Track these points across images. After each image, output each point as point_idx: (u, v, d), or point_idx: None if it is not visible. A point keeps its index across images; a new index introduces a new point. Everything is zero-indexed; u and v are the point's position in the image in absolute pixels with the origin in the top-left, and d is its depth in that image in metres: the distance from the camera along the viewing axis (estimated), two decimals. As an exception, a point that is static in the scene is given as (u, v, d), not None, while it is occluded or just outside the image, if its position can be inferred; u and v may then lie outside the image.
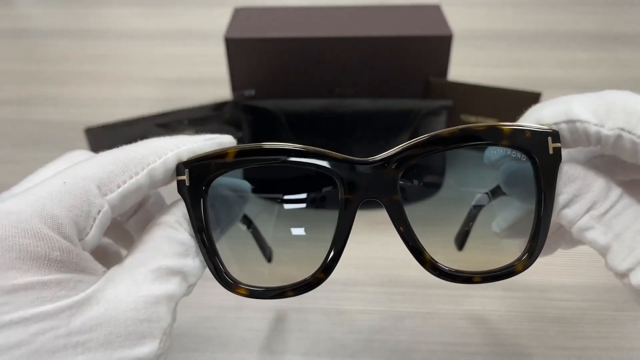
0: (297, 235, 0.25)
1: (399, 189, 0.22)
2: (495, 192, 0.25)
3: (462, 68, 0.65)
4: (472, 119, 0.53)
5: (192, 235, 0.22)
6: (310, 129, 0.47)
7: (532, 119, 0.23)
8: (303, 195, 0.25)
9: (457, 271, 0.23)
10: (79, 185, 0.20)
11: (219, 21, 0.65)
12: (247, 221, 0.27)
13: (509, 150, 0.23)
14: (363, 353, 0.35)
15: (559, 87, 0.66)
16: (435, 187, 0.27)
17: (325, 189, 0.24)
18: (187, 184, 0.22)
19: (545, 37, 0.80)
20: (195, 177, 0.22)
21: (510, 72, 0.71)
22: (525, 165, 0.22)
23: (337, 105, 0.47)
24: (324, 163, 0.22)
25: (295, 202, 0.26)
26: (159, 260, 0.21)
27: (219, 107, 0.53)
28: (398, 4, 0.59)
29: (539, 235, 0.22)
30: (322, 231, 0.24)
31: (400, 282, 0.40)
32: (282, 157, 0.22)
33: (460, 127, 0.22)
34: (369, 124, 0.46)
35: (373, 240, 0.43)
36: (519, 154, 0.23)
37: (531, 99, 0.50)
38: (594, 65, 0.72)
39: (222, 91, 0.61)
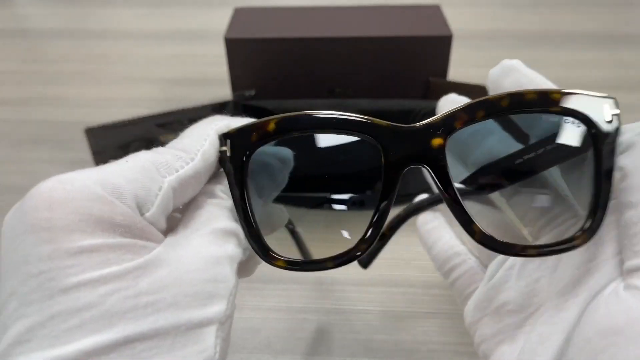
0: (337, 210, 0.24)
1: (445, 154, 0.21)
2: (545, 164, 0.23)
3: (462, 68, 0.64)
4: (472, 119, 0.53)
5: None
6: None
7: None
8: (344, 169, 0.24)
9: (509, 243, 0.21)
10: (139, 163, 0.20)
11: (219, 21, 0.65)
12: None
13: (563, 118, 0.21)
14: (363, 353, 0.35)
15: (559, 87, 0.66)
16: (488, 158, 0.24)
17: (367, 162, 0.22)
18: (228, 154, 0.22)
19: (545, 37, 0.80)
20: (237, 147, 0.22)
21: (510, 72, 0.71)
22: (582, 134, 0.21)
23: (337, 105, 0.47)
24: (367, 129, 0.21)
25: (335, 178, 0.25)
26: (213, 223, 0.21)
27: (219, 107, 0.53)
28: (398, 4, 0.59)
29: (598, 209, 0.20)
30: (361, 208, 0.23)
31: (400, 282, 0.40)
32: (325, 124, 0.21)
33: (509, 92, 0.21)
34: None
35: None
36: (574, 122, 0.21)
37: (531, 99, 0.50)
38: (594, 65, 0.72)
39: (222, 91, 0.61)
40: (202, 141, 0.22)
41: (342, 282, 0.40)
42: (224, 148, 0.22)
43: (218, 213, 0.21)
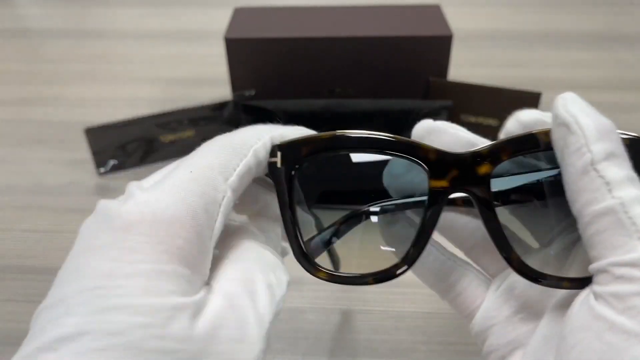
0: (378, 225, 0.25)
1: (490, 185, 0.21)
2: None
3: (462, 68, 0.64)
4: (472, 119, 0.53)
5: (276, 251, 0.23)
6: (310, 129, 0.47)
7: None
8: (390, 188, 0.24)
9: (545, 274, 0.22)
10: (205, 174, 0.20)
11: (219, 21, 0.65)
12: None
13: None
14: (363, 353, 0.35)
15: (559, 87, 0.66)
16: (528, 188, 0.24)
17: (412, 181, 0.23)
18: (278, 165, 0.22)
19: (545, 37, 0.80)
20: (287, 159, 0.22)
21: (510, 72, 0.71)
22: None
23: (337, 105, 0.47)
24: (416, 152, 0.22)
25: (378, 195, 0.25)
26: (248, 274, 0.20)
27: (219, 107, 0.53)
28: (398, 4, 0.59)
29: None
30: (403, 225, 0.24)
31: (400, 282, 0.40)
32: (374, 144, 0.22)
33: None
34: (369, 124, 0.46)
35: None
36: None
37: (531, 99, 0.50)
38: (594, 65, 0.72)
39: (222, 91, 0.61)
40: (255, 139, 0.22)
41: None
42: (274, 159, 0.22)
43: (255, 262, 0.21)
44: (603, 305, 0.18)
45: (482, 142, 0.23)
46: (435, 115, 0.48)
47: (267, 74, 0.53)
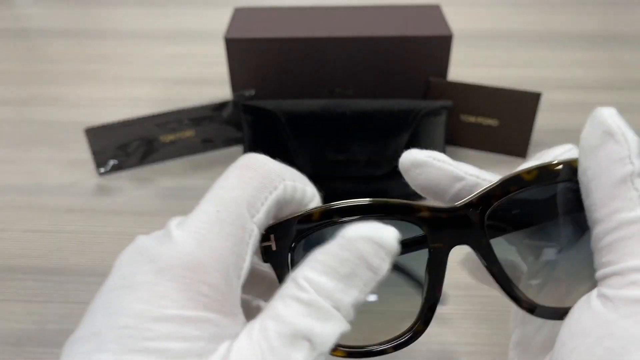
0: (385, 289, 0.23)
1: (487, 232, 0.22)
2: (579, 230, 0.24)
3: (461, 68, 0.65)
4: (472, 119, 0.53)
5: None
6: (310, 129, 0.47)
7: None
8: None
9: (555, 307, 0.22)
10: (232, 211, 0.20)
11: (219, 21, 0.65)
12: None
13: None
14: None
15: (559, 87, 0.66)
16: (523, 224, 0.25)
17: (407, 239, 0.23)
18: (273, 248, 0.22)
19: (545, 37, 0.80)
20: (282, 241, 0.22)
21: (510, 72, 0.71)
22: None
23: (337, 105, 0.47)
24: (409, 214, 0.22)
25: None
26: (280, 327, 0.18)
27: (219, 107, 0.53)
28: (398, 4, 0.59)
29: None
30: (407, 280, 0.24)
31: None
32: (366, 211, 0.21)
33: (537, 166, 0.22)
34: (368, 124, 0.46)
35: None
36: None
37: (531, 99, 0.50)
38: (594, 65, 0.72)
39: (222, 91, 0.61)
40: (277, 174, 0.22)
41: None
42: (268, 243, 0.22)
43: (288, 312, 0.18)
44: (610, 309, 0.18)
45: (467, 173, 0.23)
46: (435, 115, 0.48)
47: (267, 74, 0.53)
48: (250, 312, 0.24)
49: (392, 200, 0.22)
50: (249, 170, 0.22)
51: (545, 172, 0.22)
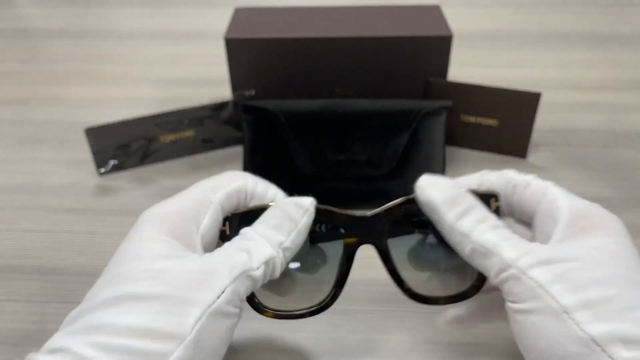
0: (308, 268, 0.32)
1: (386, 237, 0.29)
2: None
3: (461, 68, 0.65)
4: (472, 119, 0.53)
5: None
6: (310, 129, 0.47)
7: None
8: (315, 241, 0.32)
9: (427, 296, 0.30)
10: (199, 187, 0.29)
11: (219, 21, 0.65)
12: None
13: None
14: (364, 353, 0.35)
15: (558, 87, 0.66)
16: (416, 232, 0.32)
17: (331, 235, 0.31)
18: (227, 232, 0.29)
19: (544, 37, 0.80)
20: (232, 228, 0.29)
21: (509, 72, 0.71)
22: None
23: (337, 105, 0.47)
24: (334, 217, 0.30)
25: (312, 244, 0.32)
26: (229, 245, 0.27)
27: (219, 107, 0.53)
28: (398, 4, 0.59)
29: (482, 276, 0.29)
30: (328, 266, 0.31)
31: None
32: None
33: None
34: (368, 124, 0.47)
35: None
36: None
37: (531, 99, 0.50)
38: (593, 65, 0.72)
39: (222, 91, 0.61)
40: (242, 178, 0.30)
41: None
42: (223, 228, 0.29)
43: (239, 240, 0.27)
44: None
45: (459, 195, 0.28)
46: (435, 115, 0.48)
47: (267, 74, 0.53)
48: None
49: (322, 205, 0.29)
50: (226, 173, 0.30)
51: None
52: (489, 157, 0.54)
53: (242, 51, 0.52)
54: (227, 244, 0.27)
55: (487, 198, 0.29)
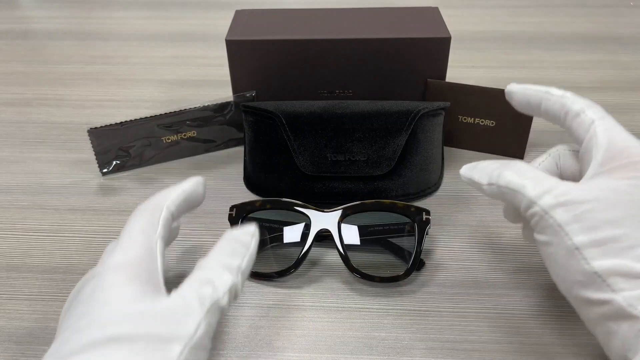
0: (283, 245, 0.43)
1: (340, 227, 0.40)
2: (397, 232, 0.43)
3: (460, 70, 0.65)
4: (470, 119, 0.54)
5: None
6: (310, 129, 0.47)
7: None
8: (291, 228, 0.43)
9: (367, 274, 0.40)
10: (140, 229, 0.30)
11: (221, 23, 0.65)
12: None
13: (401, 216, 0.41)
14: (362, 350, 0.36)
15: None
16: (365, 227, 0.42)
17: (300, 224, 0.42)
18: (233, 216, 0.42)
19: (542, 39, 0.81)
20: (237, 214, 0.42)
21: (507, 73, 0.71)
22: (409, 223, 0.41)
23: (337, 106, 0.48)
24: (301, 210, 0.41)
25: (288, 231, 0.43)
26: (193, 277, 0.29)
27: (220, 108, 0.54)
28: (397, 6, 0.59)
29: (411, 264, 0.40)
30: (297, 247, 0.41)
31: (399, 281, 0.41)
32: (283, 206, 0.42)
33: (375, 201, 0.41)
34: (367, 125, 0.47)
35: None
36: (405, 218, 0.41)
37: (528, 100, 0.51)
38: (591, 67, 0.73)
39: (224, 92, 0.61)
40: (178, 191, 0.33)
41: (342, 281, 0.41)
42: (230, 212, 0.42)
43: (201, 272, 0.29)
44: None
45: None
46: (433, 116, 0.49)
47: (268, 76, 0.54)
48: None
49: (295, 201, 0.41)
50: (146, 206, 0.32)
51: (379, 205, 0.41)
52: (487, 157, 0.55)
53: (243, 53, 0.52)
54: (189, 278, 0.28)
55: None
